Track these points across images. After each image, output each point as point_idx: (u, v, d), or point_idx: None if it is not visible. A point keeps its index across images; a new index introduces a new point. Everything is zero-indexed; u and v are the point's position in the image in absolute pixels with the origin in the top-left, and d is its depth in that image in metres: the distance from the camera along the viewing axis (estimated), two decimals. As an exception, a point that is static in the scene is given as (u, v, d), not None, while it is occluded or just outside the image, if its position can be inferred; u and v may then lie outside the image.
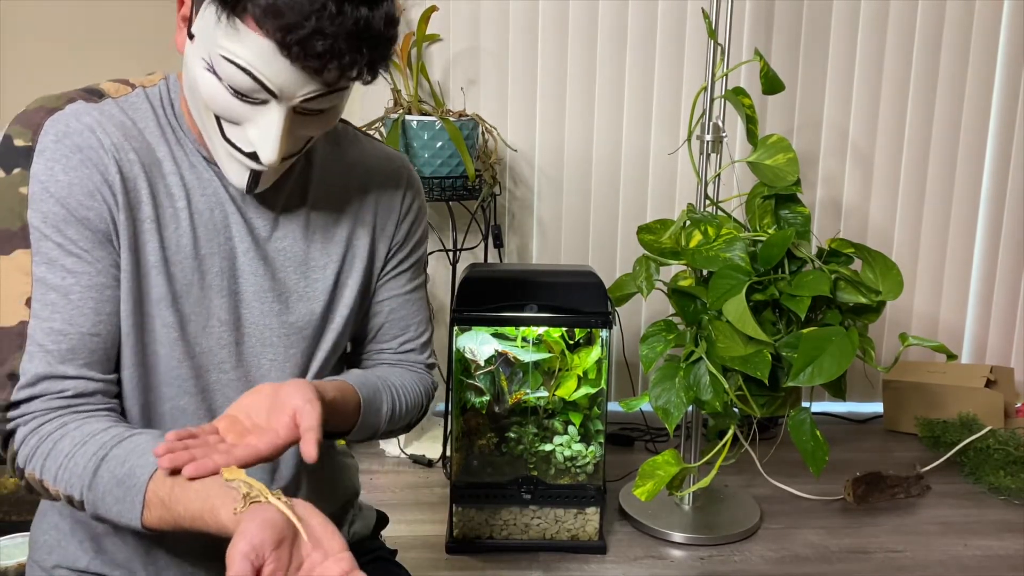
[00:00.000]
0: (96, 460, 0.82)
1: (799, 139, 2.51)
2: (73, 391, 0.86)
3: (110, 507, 0.82)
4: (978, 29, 2.48)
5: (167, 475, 0.79)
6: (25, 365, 0.84)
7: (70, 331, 0.85)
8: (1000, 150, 2.56)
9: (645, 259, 1.78)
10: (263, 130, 0.85)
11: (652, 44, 2.44)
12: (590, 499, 1.82)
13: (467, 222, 2.30)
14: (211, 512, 0.76)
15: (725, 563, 1.79)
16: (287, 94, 0.83)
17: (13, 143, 0.86)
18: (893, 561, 1.79)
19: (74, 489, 0.83)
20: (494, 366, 1.80)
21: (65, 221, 0.86)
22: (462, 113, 2.16)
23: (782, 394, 1.66)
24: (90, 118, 0.88)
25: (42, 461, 0.84)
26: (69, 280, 0.86)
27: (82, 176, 0.86)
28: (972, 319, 2.66)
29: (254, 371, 0.99)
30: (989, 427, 2.24)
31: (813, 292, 1.57)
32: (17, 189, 0.85)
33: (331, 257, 1.02)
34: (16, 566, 1.59)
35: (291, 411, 0.85)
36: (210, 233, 0.94)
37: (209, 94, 0.85)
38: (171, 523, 0.79)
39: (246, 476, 0.79)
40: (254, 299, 0.97)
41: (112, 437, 0.84)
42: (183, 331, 0.93)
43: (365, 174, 1.05)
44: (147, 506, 0.80)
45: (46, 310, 0.85)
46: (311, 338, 1.02)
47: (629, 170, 2.50)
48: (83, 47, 2.22)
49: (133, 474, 0.81)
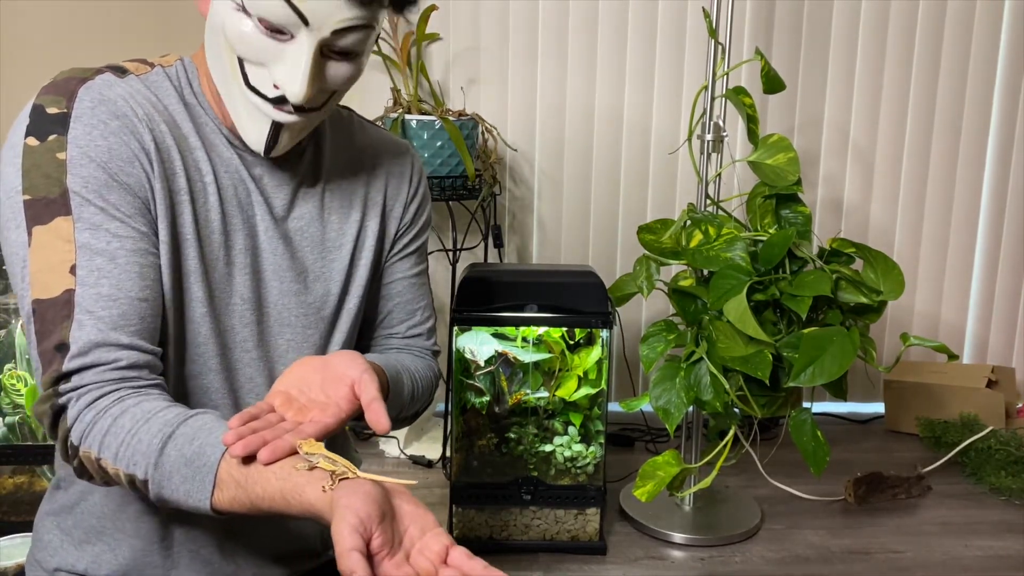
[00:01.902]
0: (162, 438, 0.79)
1: (800, 138, 2.50)
2: (126, 361, 0.83)
3: (177, 487, 0.79)
4: (979, 29, 2.48)
5: (240, 462, 0.77)
6: (75, 333, 0.81)
7: (119, 296, 0.83)
8: (1001, 150, 2.56)
9: (645, 259, 1.78)
10: (291, 65, 0.85)
11: (652, 44, 2.43)
12: (590, 500, 1.81)
13: (467, 222, 2.30)
14: (295, 492, 0.74)
15: (726, 564, 1.79)
16: (318, 21, 0.83)
17: (46, 111, 0.85)
18: (894, 561, 1.79)
19: (138, 468, 0.80)
20: (494, 366, 1.79)
21: (106, 186, 0.84)
22: (462, 113, 2.15)
23: (783, 394, 1.66)
24: (121, 89, 0.88)
25: (101, 438, 0.80)
26: (115, 244, 0.83)
27: (120, 142, 0.85)
28: (973, 319, 2.66)
29: (272, 351, 0.99)
30: (990, 427, 2.24)
31: (814, 292, 1.57)
32: (55, 155, 0.83)
33: (346, 237, 1.03)
34: (15, 566, 1.59)
35: (349, 382, 0.85)
36: (234, 209, 0.94)
37: (237, 34, 0.85)
38: (246, 504, 0.77)
39: (325, 450, 0.78)
40: (273, 277, 0.98)
41: (175, 415, 0.81)
42: (211, 307, 0.93)
43: (375, 156, 1.07)
44: (218, 486, 0.77)
45: (92, 276, 0.82)
46: (328, 319, 1.03)
47: (629, 170, 2.50)
48: (83, 48, 2.21)
49: (203, 453, 0.78)
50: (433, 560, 0.71)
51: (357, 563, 0.66)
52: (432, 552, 0.71)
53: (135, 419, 0.80)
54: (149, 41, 2.21)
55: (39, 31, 2.20)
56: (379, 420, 0.82)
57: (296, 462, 0.77)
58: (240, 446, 0.76)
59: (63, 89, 0.86)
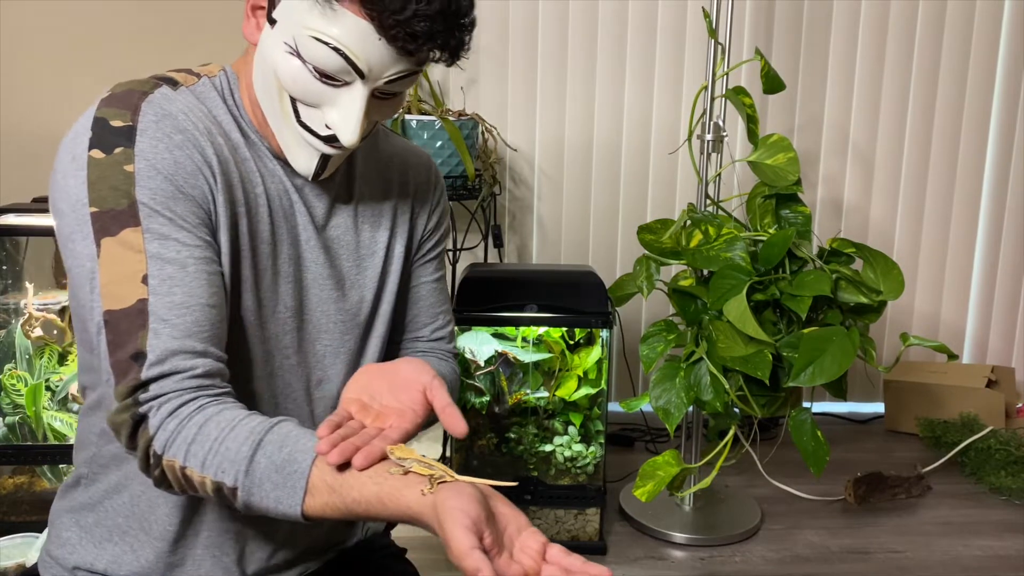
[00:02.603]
0: (251, 445, 0.80)
1: (800, 138, 2.50)
2: (202, 369, 0.83)
3: (267, 493, 0.80)
4: (979, 29, 2.48)
5: (334, 468, 0.79)
6: (152, 342, 0.81)
7: (191, 303, 0.83)
8: (1001, 149, 2.56)
9: (645, 259, 1.78)
10: (345, 111, 0.88)
11: (652, 44, 2.43)
12: (590, 500, 1.81)
13: (467, 222, 2.30)
14: (393, 495, 0.76)
15: (726, 564, 1.79)
16: (374, 74, 0.86)
17: (110, 124, 0.85)
18: (894, 561, 1.79)
19: (227, 475, 0.80)
20: (494, 366, 1.79)
21: (173, 198, 0.85)
22: (462, 113, 2.15)
23: (783, 394, 1.66)
24: (180, 103, 0.89)
25: (186, 447, 0.81)
26: (184, 253, 0.84)
27: (185, 155, 0.86)
28: (973, 319, 2.66)
29: (310, 357, 1.01)
30: (990, 427, 2.24)
31: (814, 292, 1.57)
32: (122, 167, 0.84)
33: (378, 244, 1.05)
34: (16, 566, 1.59)
35: (420, 388, 0.88)
36: (280, 220, 0.96)
37: (290, 77, 0.87)
38: (340, 509, 0.79)
39: (417, 454, 0.80)
40: (313, 285, 0.99)
41: (259, 423, 0.82)
42: (258, 315, 0.94)
43: (402, 164, 1.10)
44: (310, 492, 0.79)
45: (164, 285, 0.83)
46: (364, 325, 1.05)
47: (629, 170, 2.50)
48: (82, 47, 2.21)
49: (294, 459, 0.80)
50: (534, 557, 0.74)
51: (482, 560, 0.69)
52: (532, 550, 0.74)
53: (220, 427, 0.81)
54: (148, 41, 2.21)
55: (39, 31, 2.20)
56: (457, 424, 0.85)
57: (389, 467, 0.79)
58: (335, 453, 0.78)
59: (126, 103, 0.87)
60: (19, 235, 1.77)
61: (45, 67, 2.21)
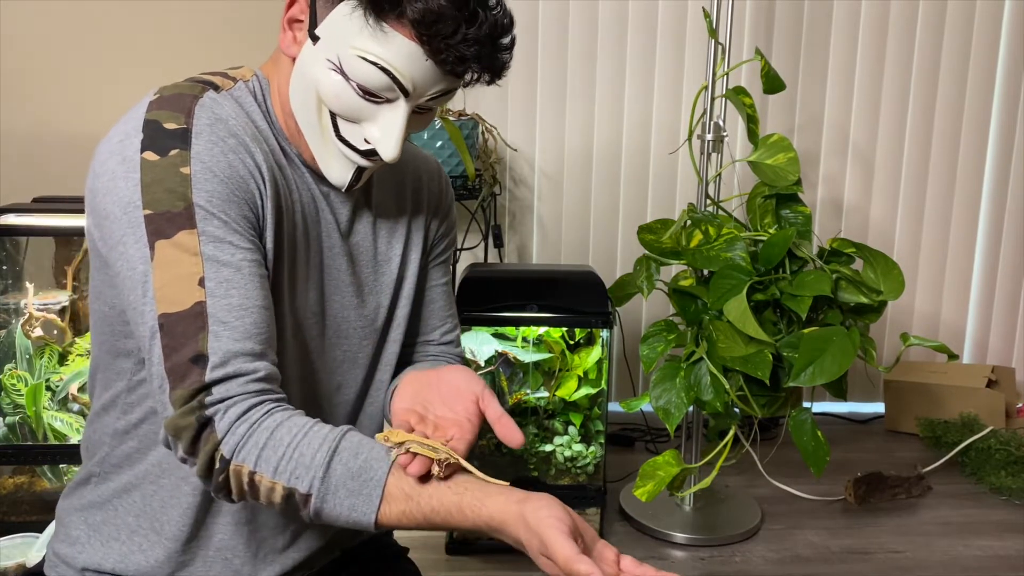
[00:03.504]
0: (327, 452, 0.81)
1: (800, 138, 2.50)
2: (264, 372, 0.83)
3: (342, 500, 0.80)
4: (979, 29, 2.48)
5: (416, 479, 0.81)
6: (212, 344, 0.81)
7: (248, 305, 0.83)
8: (1001, 149, 2.56)
9: (646, 259, 1.78)
10: (386, 127, 0.89)
11: (652, 44, 2.43)
12: (590, 500, 1.81)
13: (467, 222, 2.30)
14: (474, 506, 0.80)
15: (726, 563, 1.79)
16: (418, 92, 0.88)
17: (164, 126, 0.85)
18: (894, 561, 1.79)
19: (300, 482, 0.80)
20: (494, 366, 1.79)
21: (228, 201, 0.85)
22: (462, 113, 2.16)
23: (783, 394, 1.66)
24: (228, 108, 0.90)
25: (257, 452, 0.80)
26: (239, 256, 0.84)
27: (238, 160, 0.87)
28: (973, 319, 2.66)
29: (330, 362, 1.02)
30: (990, 427, 2.24)
31: (814, 292, 1.57)
32: (178, 169, 0.84)
33: (394, 251, 1.07)
34: (16, 566, 1.59)
35: (472, 397, 0.90)
36: (309, 226, 0.97)
37: (332, 93, 0.88)
38: (417, 518, 0.81)
39: (411, 436, 0.83)
40: (336, 292, 1.00)
41: (330, 431, 0.83)
42: (293, 320, 0.95)
43: (415, 171, 1.11)
44: (386, 500, 0.80)
45: (221, 287, 0.83)
46: (380, 331, 1.06)
47: (629, 170, 2.50)
48: (83, 47, 2.22)
49: (370, 467, 0.81)
50: (612, 566, 0.78)
51: (591, 566, 0.72)
52: (609, 560, 0.79)
53: (293, 433, 0.81)
54: (149, 41, 2.21)
55: (39, 31, 2.20)
56: (514, 435, 0.87)
57: (390, 449, 0.82)
58: (416, 464, 0.80)
59: (178, 105, 0.87)
60: (19, 235, 1.77)
61: (45, 67, 2.21)
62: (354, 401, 1.05)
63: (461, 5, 0.83)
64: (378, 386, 1.09)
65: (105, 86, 2.20)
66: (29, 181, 2.13)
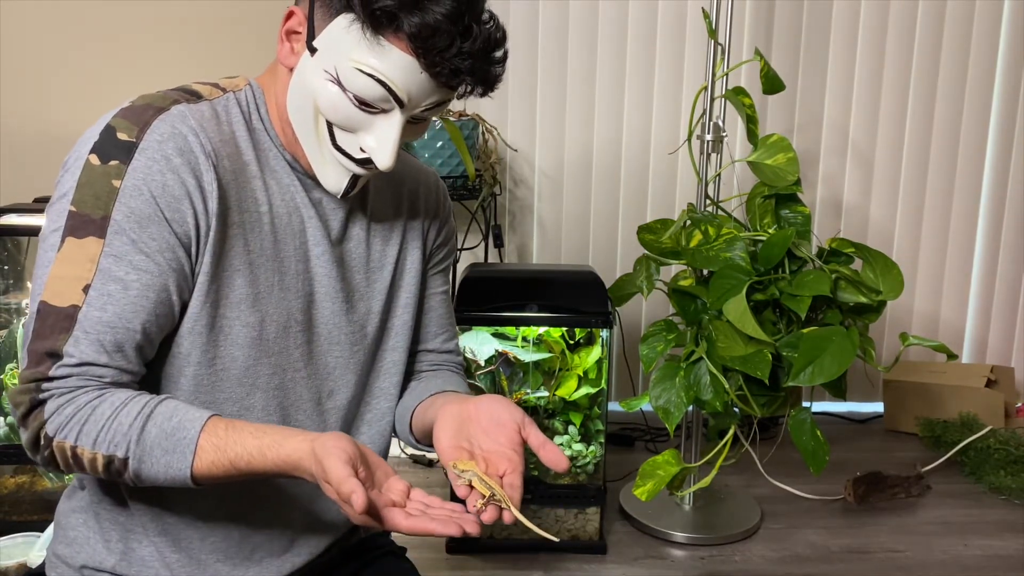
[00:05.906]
0: (143, 417, 0.84)
1: (799, 139, 2.50)
2: (111, 378, 0.87)
3: (158, 459, 0.84)
4: (978, 29, 2.48)
5: (224, 428, 0.84)
6: (70, 348, 0.85)
7: (118, 325, 0.86)
8: (1000, 149, 2.56)
9: (645, 259, 1.78)
10: (382, 136, 0.92)
11: (652, 44, 2.43)
12: (590, 499, 1.82)
13: (467, 222, 2.31)
14: (273, 447, 0.83)
15: (725, 563, 1.79)
16: (413, 103, 0.90)
17: (116, 135, 0.88)
18: (894, 561, 1.79)
19: (118, 448, 0.84)
20: (494, 366, 1.80)
21: (149, 219, 0.87)
22: (462, 113, 2.16)
23: (782, 394, 1.66)
24: (194, 122, 0.91)
25: (78, 427, 0.84)
26: (132, 276, 0.87)
27: (177, 180, 0.88)
28: (972, 319, 2.66)
29: (321, 369, 1.03)
30: (989, 427, 2.24)
31: (813, 292, 1.57)
32: (110, 180, 0.87)
33: (387, 258, 1.08)
34: (16, 566, 1.59)
35: (514, 427, 0.92)
36: (287, 236, 0.98)
37: (329, 103, 0.90)
38: (224, 466, 0.83)
39: (478, 469, 0.87)
40: (325, 299, 1.02)
41: (150, 398, 0.86)
42: (262, 331, 0.96)
43: (413, 182, 1.13)
44: (198, 454, 0.83)
45: (101, 300, 0.86)
46: (373, 337, 1.07)
47: (629, 170, 2.50)
48: (83, 47, 2.22)
49: (183, 427, 0.84)
50: (400, 495, 0.82)
51: (357, 485, 0.75)
52: (398, 490, 0.82)
53: (113, 406, 0.85)
54: (149, 42, 2.22)
55: (40, 31, 2.21)
56: (559, 461, 0.88)
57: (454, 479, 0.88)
58: (490, 511, 0.85)
59: (139, 118, 0.89)
60: (20, 235, 1.77)
61: (46, 67, 2.21)
62: (348, 407, 1.05)
63: (456, 20, 0.85)
64: (378, 394, 1.09)
65: (105, 86, 2.20)
66: (29, 181, 2.13)
